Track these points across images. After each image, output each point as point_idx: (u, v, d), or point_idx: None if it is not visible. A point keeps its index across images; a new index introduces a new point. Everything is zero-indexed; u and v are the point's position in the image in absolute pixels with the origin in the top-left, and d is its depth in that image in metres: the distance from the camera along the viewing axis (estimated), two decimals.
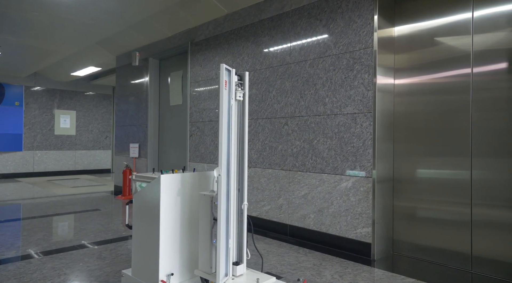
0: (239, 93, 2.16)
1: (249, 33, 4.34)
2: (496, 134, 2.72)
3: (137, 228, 2.30)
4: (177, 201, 2.22)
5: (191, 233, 2.30)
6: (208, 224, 2.07)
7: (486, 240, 2.76)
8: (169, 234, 2.17)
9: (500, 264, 2.69)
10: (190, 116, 5.26)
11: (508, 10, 2.68)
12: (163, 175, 2.15)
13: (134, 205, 2.32)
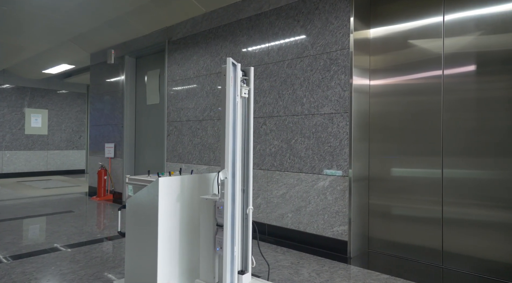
0: (244, 90, 2.02)
1: (227, 33, 4.33)
2: (466, 134, 2.83)
3: (132, 235, 2.14)
4: (176, 205, 2.07)
5: (191, 240, 2.15)
6: (211, 231, 1.94)
7: (456, 236, 2.87)
8: (167, 241, 2.03)
9: (469, 259, 2.80)
10: (167, 116, 5.19)
11: (476, 15, 2.79)
12: (161, 178, 2.00)
13: (128, 210, 2.17)
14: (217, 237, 1.92)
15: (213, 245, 1.94)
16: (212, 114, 4.51)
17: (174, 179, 2.06)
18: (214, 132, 4.48)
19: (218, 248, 1.93)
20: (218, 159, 4.40)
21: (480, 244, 2.75)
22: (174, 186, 2.07)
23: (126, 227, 2.19)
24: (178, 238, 2.09)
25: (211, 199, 1.96)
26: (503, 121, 2.66)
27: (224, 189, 1.84)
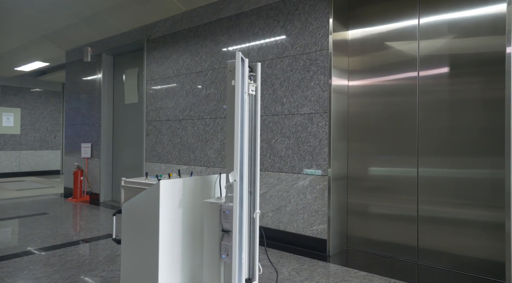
0: (252, 86, 1.93)
1: (208, 32, 4.30)
2: (440, 134, 2.92)
3: (128, 242, 2.00)
4: (177, 210, 1.94)
5: (193, 246, 2.03)
6: (216, 237, 1.83)
7: (431, 233, 2.95)
8: (169, 248, 1.90)
9: (443, 255, 2.89)
10: (146, 115, 5.11)
11: (449, 18, 2.89)
12: (162, 181, 1.86)
13: (124, 215, 2.04)
14: (223, 243, 1.80)
15: (218, 252, 1.82)
16: (192, 114, 4.47)
17: (176, 182, 1.92)
18: (194, 132, 4.44)
19: (224, 255, 1.80)
20: (198, 158, 4.37)
21: (453, 241, 2.84)
22: (175, 189, 1.94)
23: (122, 233, 2.05)
24: (180, 244, 1.96)
25: (216, 203, 1.84)
26: (475, 122, 2.76)
27: (233, 192, 1.73)
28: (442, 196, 2.90)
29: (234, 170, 1.75)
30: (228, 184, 1.78)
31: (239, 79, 1.78)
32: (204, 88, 4.33)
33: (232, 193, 1.75)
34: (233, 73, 1.84)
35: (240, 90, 1.79)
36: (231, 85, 1.82)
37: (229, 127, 1.82)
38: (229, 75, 1.84)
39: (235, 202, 1.72)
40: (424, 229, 2.99)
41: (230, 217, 1.78)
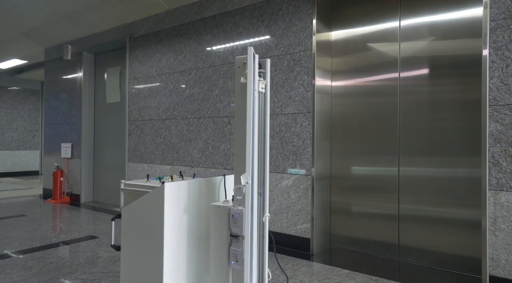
0: (262, 84, 1.84)
1: (191, 31, 4.27)
2: (420, 134, 2.99)
3: (129, 249, 1.89)
4: (182, 214, 1.84)
5: (199, 252, 1.94)
6: (224, 242, 1.73)
7: (411, 231, 3.02)
8: (174, 255, 1.79)
9: (422, 252, 2.96)
10: (129, 115, 5.03)
11: (429, 21, 2.96)
12: (167, 183, 1.75)
13: (124, 220, 1.93)
14: (232, 249, 1.70)
15: (226, 258, 1.72)
16: (175, 113, 4.43)
17: (181, 184, 1.82)
18: (177, 131, 4.40)
19: (233, 261, 1.70)
20: (182, 158, 4.33)
21: (433, 238, 2.91)
22: (180, 192, 1.83)
23: (122, 239, 1.93)
24: (185, 250, 1.86)
25: (223, 206, 1.74)
26: (453, 122, 2.83)
27: (245, 195, 1.63)
28: (422, 195, 2.97)
29: (246, 172, 1.66)
30: (237, 186, 1.69)
31: (251, 75, 1.68)
32: (188, 88, 4.30)
33: (241, 195, 1.66)
34: (242, 70, 1.74)
35: (251, 87, 1.70)
36: (240, 82, 1.73)
37: (238, 126, 1.73)
38: (238, 71, 1.75)
39: (247, 205, 1.63)
40: (405, 227, 3.05)
41: (240, 221, 1.68)
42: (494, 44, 2.45)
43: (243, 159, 1.69)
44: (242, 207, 1.68)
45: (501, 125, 2.42)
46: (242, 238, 1.69)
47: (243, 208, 1.67)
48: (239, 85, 1.76)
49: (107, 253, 3.19)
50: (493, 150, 2.45)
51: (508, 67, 2.41)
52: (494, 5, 2.46)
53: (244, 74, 1.72)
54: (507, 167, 2.39)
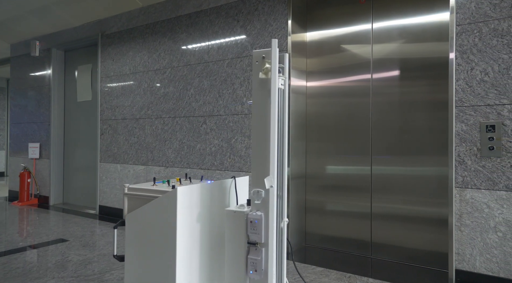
0: (281, 80, 1.74)
1: (166, 29, 4.21)
2: (391, 134, 3.08)
3: (135, 260, 1.73)
4: (195, 220, 1.71)
5: (212, 261, 1.82)
6: (242, 250, 1.62)
7: (383, 228, 3.10)
8: (187, 265, 1.67)
9: (393, 249, 3.05)
10: (101, 114, 4.89)
11: (399, 24, 3.05)
12: (180, 187, 1.62)
13: (129, 228, 1.77)
14: (250, 258, 1.58)
15: (244, 267, 1.61)
16: (150, 112, 4.35)
17: (194, 188, 1.70)
18: (152, 131, 4.32)
19: (252, 271, 1.58)
20: (156, 158, 4.26)
21: (403, 235, 3.01)
22: (193, 197, 1.70)
23: (126, 249, 1.79)
24: (198, 259, 1.73)
25: (240, 212, 1.63)
26: (422, 122, 2.94)
27: (270, 199, 1.53)
28: (393, 193, 3.06)
29: (270, 175, 1.54)
30: (255, 190, 1.58)
31: (276, 71, 1.55)
32: (163, 87, 4.23)
33: (260, 200, 1.56)
34: (260, 65, 1.61)
35: (276, 83, 1.56)
36: (259, 78, 1.61)
37: (258, 126, 1.60)
38: (256, 67, 1.62)
39: (271, 209, 1.53)
40: (377, 224, 3.13)
41: (259, 228, 1.57)
42: (460, 47, 2.56)
43: (266, 160, 1.58)
44: (261, 212, 1.57)
45: (466, 125, 2.53)
46: (261, 246, 1.57)
47: (262, 214, 1.56)
48: (257, 81, 1.63)
49: (77, 257, 3.09)
50: (459, 149, 2.55)
51: (472, 70, 2.52)
52: (459, 10, 2.57)
53: (263, 70, 1.60)
54: (471, 165, 2.51)
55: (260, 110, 1.64)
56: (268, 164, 1.57)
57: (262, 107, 1.64)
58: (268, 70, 1.60)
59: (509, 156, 2.39)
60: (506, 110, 2.40)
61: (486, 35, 2.48)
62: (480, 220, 2.47)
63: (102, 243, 3.53)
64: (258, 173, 1.60)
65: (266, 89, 1.63)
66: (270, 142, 1.55)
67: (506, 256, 2.38)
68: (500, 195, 2.41)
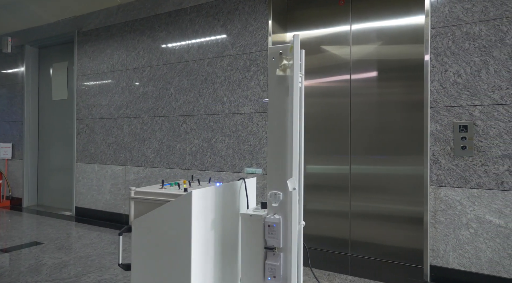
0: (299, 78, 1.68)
1: (145, 27, 4.14)
2: (370, 134, 3.14)
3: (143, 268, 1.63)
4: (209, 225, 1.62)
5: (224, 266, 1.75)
6: (259, 255, 1.57)
7: (362, 226, 3.16)
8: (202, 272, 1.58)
9: (372, 246, 3.12)
10: (77, 113, 4.77)
11: (377, 26, 3.11)
12: (195, 190, 1.53)
13: (136, 235, 1.67)
14: (268, 263, 1.53)
15: (261, 273, 1.55)
16: (128, 112, 4.27)
17: (208, 191, 1.62)
18: (130, 131, 4.24)
19: (270, 277, 1.53)
20: (135, 158, 4.19)
21: (381, 232, 3.07)
22: (207, 200, 1.62)
23: (132, 257, 1.68)
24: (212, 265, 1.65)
25: (257, 215, 1.57)
26: (399, 123, 3.01)
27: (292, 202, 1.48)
28: (371, 192, 3.12)
29: (293, 176, 1.48)
30: (272, 192, 1.52)
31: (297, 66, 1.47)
32: (142, 86, 4.17)
33: (277, 202, 1.50)
34: (277, 61, 1.54)
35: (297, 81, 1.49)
36: (276, 75, 1.55)
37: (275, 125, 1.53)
38: (272, 63, 1.55)
39: (294, 213, 1.47)
40: (356, 222, 3.19)
41: (277, 232, 1.52)
42: (435, 50, 2.64)
43: (284, 161, 1.52)
44: (279, 216, 1.51)
45: (441, 125, 2.61)
46: (279, 251, 1.51)
47: (280, 217, 1.50)
48: (275, 79, 1.57)
49: (52, 260, 3.00)
50: (434, 149, 2.63)
51: (446, 72, 2.60)
52: (434, 14, 2.65)
53: (281, 66, 1.54)
54: (445, 164, 2.59)
55: (278, 109, 1.57)
56: (288, 165, 1.51)
57: (280, 106, 1.57)
58: (286, 67, 1.54)
59: (480, 155, 2.48)
60: (478, 111, 2.49)
61: (459, 38, 2.56)
62: (453, 217, 2.56)
63: (78, 245, 3.44)
64: (276, 175, 1.54)
65: (284, 86, 1.56)
66: (293, 142, 1.49)
67: (477, 251, 2.48)
68: (472, 192, 2.50)
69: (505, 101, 2.42)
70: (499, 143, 2.43)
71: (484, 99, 2.48)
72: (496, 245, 2.43)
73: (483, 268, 2.46)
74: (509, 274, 2.38)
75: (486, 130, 2.47)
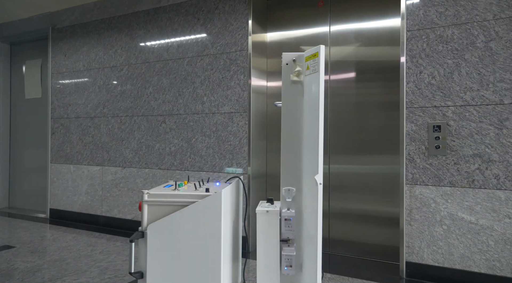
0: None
1: (123, 25, 4.06)
2: (348, 134, 3.19)
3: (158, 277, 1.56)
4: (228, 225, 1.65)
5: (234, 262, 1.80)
6: (275, 247, 1.65)
7: (340, 224, 3.21)
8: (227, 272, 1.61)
9: (350, 244, 3.17)
10: (52, 112, 4.63)
11: (355, 28, 3.17)
12: (224, 190, 1.54)
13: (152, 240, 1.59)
14: (285, 255, 1.64)
15: (278, 264, 1.66)
16: (106, 111, 4.18)
17: (230, 189, 1.66)
18: (108, 130, 4.15)
19: (287, 267, 1.64)
20: (113, 159, 4.10)
21: (359, 230, 3.13)
22: (227, 199, 1.64)
23: (148, 265, 1.59)
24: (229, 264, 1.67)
25: (274, 211, 1.66)
26: (376, 123, 3.08)
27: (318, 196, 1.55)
28: (350, 191, 3.18)
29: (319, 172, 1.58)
30: (286, 188, 1.64)
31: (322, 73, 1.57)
32: (120, 84, 4.09)
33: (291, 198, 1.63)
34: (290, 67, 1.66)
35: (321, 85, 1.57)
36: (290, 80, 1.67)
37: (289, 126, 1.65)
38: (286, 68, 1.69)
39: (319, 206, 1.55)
40: (334, 221, 3.24)
41: (294, 225, 1.65)
42: (410, 52, 2.71)
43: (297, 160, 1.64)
44: (293, 210, 1.63)
45: (416, 125, 2.69)
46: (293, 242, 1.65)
47: (294, 211, 1.62)
48: (288, 83, 1.68)
49: (25, 264, 2.90)
50: (409, 148, 2.71)
51: (421, 73, 2.68)
52: (409, 17, 2.72)
53: (295, 72, 1.67)
54: (420, 163, 2.67)
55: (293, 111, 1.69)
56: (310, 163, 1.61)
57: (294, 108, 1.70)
58: (300, 73, 1.67)
59: (453, 154, 2.57)
60: (450, 112, 2.58)
61: (433, 41, 2.64)
62: (427, 214, 2.64)
63: (53, 248, 3.34)
64: (289, 173, 1.65)
65: (297, 90, 1.69)
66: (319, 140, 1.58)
67: (449, 247, 2.56)
68: (445, 190, 2.59)
69: (475, 102, 2.51)
70: (470, 142, 2.52)
71: (456, 100, 2.57)
72: (467, 240, 2.52)
73: (455, 263, 2.55)
74: (479, 268, 2.48)
75: (458, 130, 2.56)
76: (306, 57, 1.67)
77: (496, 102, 2.46)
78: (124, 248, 3.35)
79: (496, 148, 2.45)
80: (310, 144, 1.63)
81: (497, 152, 2.45)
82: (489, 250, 2.46)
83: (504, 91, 2.44)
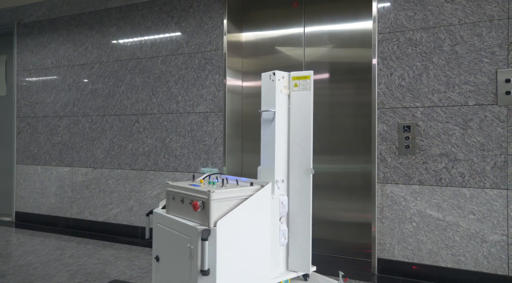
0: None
1: (94, 21, 3.94)
2: (322, 134, 3.24)
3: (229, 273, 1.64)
4: None
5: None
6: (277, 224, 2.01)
7: (315, 224, 3.26)
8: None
9: (325, 242, 3.23)
10: (17, 111, 4.43)
11: (329, 29, 3.22)
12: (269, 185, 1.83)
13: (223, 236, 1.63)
14: (281, 230, 2.04)
15: (279, 238, 2.01)
16: (75, 110, 4.04)
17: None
18: (78, 130, 4.02)
19: (282, 240, 2.04)
20: (83, 159, 3.97)
21: (333, 229, 3.19)
22: None
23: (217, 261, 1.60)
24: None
25: (276, 197, 2.02)
26: (349, 123, 3.14)
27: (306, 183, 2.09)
28: (324, 190, 3.23)
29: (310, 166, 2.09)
30: (280, 178, 2.06)
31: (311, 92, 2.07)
32: (91, 83, 3.96)
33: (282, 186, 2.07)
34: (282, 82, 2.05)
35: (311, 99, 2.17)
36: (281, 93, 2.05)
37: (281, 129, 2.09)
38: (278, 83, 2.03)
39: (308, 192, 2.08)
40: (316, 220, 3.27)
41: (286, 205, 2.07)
42: (381, 54, 2.79)
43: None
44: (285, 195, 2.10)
45: (387, 126, 2.77)
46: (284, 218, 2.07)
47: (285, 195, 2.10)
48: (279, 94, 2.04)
49: None
50: (381, 148, 2.78)
51: (392, 75, 2.76)
52: (381, 20, 2.79)
53: (285, 86, 2.07)
54: (391, 162, 2.75)
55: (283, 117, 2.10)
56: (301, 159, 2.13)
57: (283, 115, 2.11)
58: (286, 88, 2.09)
59: (422, 153, 2.66)
60: (419, 113, 2.67)
61: (403, 44, 2.73)
62: (398, 212, 2.72)
63: (19, 252, 3.20)
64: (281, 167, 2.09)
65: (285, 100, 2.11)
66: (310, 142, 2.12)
67: (418, 243, 2.66)
68: (414, 188, 2.68)
69: (442, 104, 2.61)
70: (438, 142, 2.62)
71: (425, 101, 2.66)
72: (435, 237, 2.62)
73: (424, 259, 2.64)
74: (446, 263, 2.59)
75: (427, 131, 2.65)
76: (294, 77, 2.09)
77: (461, 103, 2.57)
78: (96, 251, 3.25)
79: (461, 147, 2.57)
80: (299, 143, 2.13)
81: (462, 151, 2.56)
82: (455, 245, 2.57)
83: (469, 93, 2.55)
